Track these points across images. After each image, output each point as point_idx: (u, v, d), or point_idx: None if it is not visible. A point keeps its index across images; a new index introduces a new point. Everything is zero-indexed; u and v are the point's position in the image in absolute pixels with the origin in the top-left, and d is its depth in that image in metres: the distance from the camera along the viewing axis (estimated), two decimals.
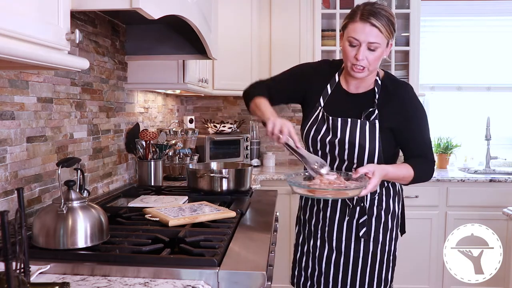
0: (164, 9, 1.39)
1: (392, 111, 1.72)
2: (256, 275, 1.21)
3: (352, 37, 1.62)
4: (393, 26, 1.64)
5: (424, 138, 1.76)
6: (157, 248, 1.34)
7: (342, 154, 1.75)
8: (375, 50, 1.63)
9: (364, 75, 1.69)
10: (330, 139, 1.75)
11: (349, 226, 1.81)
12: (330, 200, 1.82)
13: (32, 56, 0.97)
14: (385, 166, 1.65)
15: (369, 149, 1.71)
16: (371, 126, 1.71)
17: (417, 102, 1.76)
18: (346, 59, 1.68)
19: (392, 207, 1.83)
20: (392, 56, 3.57)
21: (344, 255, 1.81)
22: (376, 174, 1.57)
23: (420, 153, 1.76)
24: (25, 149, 1.62)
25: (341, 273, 1.81)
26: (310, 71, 1.86)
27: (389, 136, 1.74)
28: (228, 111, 4.07)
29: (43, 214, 1.33)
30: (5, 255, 0.87)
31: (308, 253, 1.89)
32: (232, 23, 3.35)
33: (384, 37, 1.62)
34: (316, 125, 1.78)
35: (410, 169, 1.70)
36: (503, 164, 3.96)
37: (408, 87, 1.77)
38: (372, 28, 1.59)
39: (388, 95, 1.74)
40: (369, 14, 1.60)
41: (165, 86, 2.66)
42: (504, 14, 3.95)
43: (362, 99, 1.76)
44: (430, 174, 1.78)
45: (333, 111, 1.76)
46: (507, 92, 4.03)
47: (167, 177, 2.92)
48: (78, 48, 1.99)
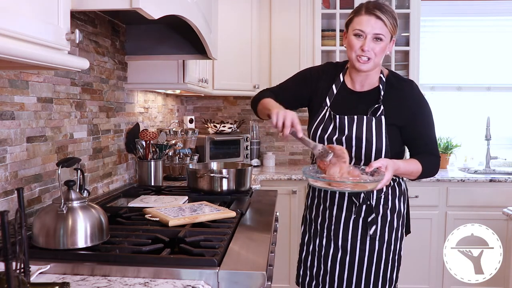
0: (164, 9, 1.39)
1: (397, 107, 1.75)
2: (256, 275, 1.21)
3: (358, 29, 1.68)
4: (396, 22, 1.71)
5: (429, 134, 1.79)
6: (157, 248, 1.34)
7: (350, 151, 1.75)
8: (380, 42, 1.68)
9: (369, 67, 1.71)
10: (337, 137, 1.77)
11: (355, 225, 1.82)
12: (337, 199, 1.83)
13: (32, 56, 0.97)
14: (396, 161, 1.67)
15: (376, 144, 1.73)
16: (377, 122, 1.73)
17: (422, 99, 1.79)
18: (351, 50, 1.71)
19: (398, 206, 1.84)
20: (392, 56, 3.57)
21: (350, 253, 1.82)
22: (389, 168, 1.59)
23: (426, 149, 1.78)
24: (25, 149, 1.62)
25: (346, 271, 1.82)
26: (315, 74, 1.89)
27: (396, 132, 1.76)
28: (228, 111, 4.07)
29: (43, 214, 1.33)
30: (5, 255, 0.87)
31: (314, 252, 1.90)
32: (232, 23, 3.35)
33: (388, 30, 1.68)
34: (323, 124, 1.80)
35: (419, 164, 1.73)
36: (503, 164, 3.96)
37: (413, 84, 1.81)
38: (377, 20, 1.66)
39: (393, 92, 1.77)
40: (374, 7, 1.67)
41: (165, 86, 2.66)
42: (504, 14, 3.95)
43: (367, 96, 1.79)
44: (436, 169, 1.81)
45: (340, 110, 1.79)
46: (507, 92, 4.03)
47: (167, 177, 2.92)
48: (78, 48, 1.99)
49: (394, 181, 1.83)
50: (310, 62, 3.51)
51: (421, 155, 1.77)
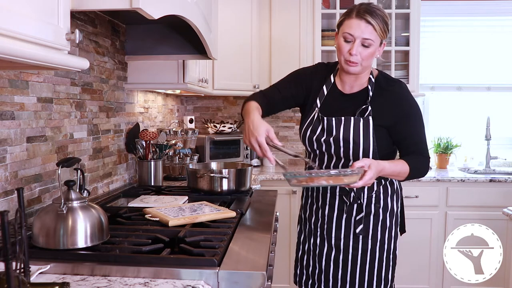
0: (164, 9, 1.39)
1: (386, 107, 1.75)
2: (256, 275, 1.21)
3: (347, 32, 1.67)
4: (387, 26, 1.70)
5: (418, 135, 1.79)
6: (157, 248, 1.34)
7: (338, 151, 1.77)
8: (369, 47, 1.68)
9: (357, 70, 1.72)
10: (325, 138, 1.78)
11: (347, 224, 1.83)
12: (328, 198, 1.85)
13: (32, 56, 0.97)
14: (381, 162, 1.67)
15: (364, 145, 1.73)
16: (364, 122, 1.74)
17: (411, 99, 1.79)
18: (340, 54, 1.72)
19: (390, 205, 1.84)
20: (392, 56, 3.58)
21: (343, 252, 1.83)
22: (372, 167, 1.59)
23: (415, 150, 1.78)
24: (25, 149, 1.62)
25: (340, 270, 1.83)
26: (307, 74, 1.89)
27: (384, 133, 1.76)
28: (228, 111, 4.07)
29: (43, 214, 1.33)
30: (5, 255, 0.87)
31: (309, 251, 1.91)
32: (232, 23, 3.35)
33: (378, 35, 1.67)
34: (312, 126, 1.81)
35: (406, 165, 1.73)
36: (503, 164, 3.96)
37: (402, 84, 1.80)
38: (367, 25, 1.65)
39: (382, 92, 1.77)
40: (365, 11, 1.66)
41: (165, 86, 2.66)
42: (504, 14, 3.95)
43: (356, 98, 1.80)
44: (425, 170, 1.81)
45: (329, 111, 1.80)
46: (507, 92, 4.03)
47: (167, 177, 2.92)
48: (78, 48, 1.99)
49: (385, 180, 1.83)
50: (310, 62, 3.51)
51: (409, 156, 1.76)
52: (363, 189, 1.80)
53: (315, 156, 1.84)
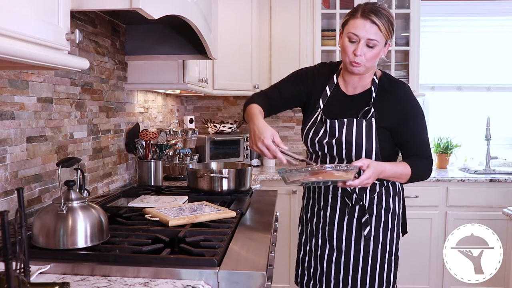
0: (164, 9, 1.39)
1: (389, 109, 1.74)
2: (256, 275, 1.21)
3: (352, 32, 1.66)
4: (392, 26, 1.68)
5: (421, 137, 1.78)
6: (157, 248, 1.34)
7: (340, 153, 1.76)
8: (374, 48, 1.66)
9: (361, 70, 1.71)
10: (327, 140, 1.77)
11: (349, 226, 1.81)
12: (330, 200, 1.83)
13: (32, 56, 0.97)
14: (381, 163, 1.66)
15: (366, 147, 1.72)
16: (367, 124, 1.73)
17: (414, 101, 1.78)
18: (345, 54, 1.70)
19: (392, 206, 1.83)
20: (392, 56, 3.57)
21: (345, 254, 1.82)
22: (370, 167, 1.58)
23: (417, 152, 1.77)
24: (25, 149, 1.62)
25: (342, 272, 1.82)
26: (309, 75, 1.88)
27: (387, 135, 1.75)
28: (228, 111, 4.07)
29: (43, 214, 1.33)
30: (5, 255, 0.87)
31: (310, 252, 1.91)
32: (232, 23, 3.35)
33: (383, 35, 1.65)
34: (315, 127, 1.80)
35: (408, 167, 1.72)
36: (503, 164, 3.96)
37: (405, 86, 1.79)
38: (372, 25, 1.63)
39: (385, 94, 1.75)
40: (370, 11, 1.64)
41: (165, 86, 2.66)
42: (504, 14, 3.95)
43: (359, 99, 1.78)
44: (428, 172, 1.79)
45: (332, 113, 1.79)
46: (507, 92, 4.03)
47: (167, 177, 2.92)
48: (78, 48, 1.99)
49: (387, 181, 1.81)
50: (310, 62, 3.51)
51: (412, 158, 1.75)
52: (365, 191, 1.79)
53: (317, 157, 1.83)
